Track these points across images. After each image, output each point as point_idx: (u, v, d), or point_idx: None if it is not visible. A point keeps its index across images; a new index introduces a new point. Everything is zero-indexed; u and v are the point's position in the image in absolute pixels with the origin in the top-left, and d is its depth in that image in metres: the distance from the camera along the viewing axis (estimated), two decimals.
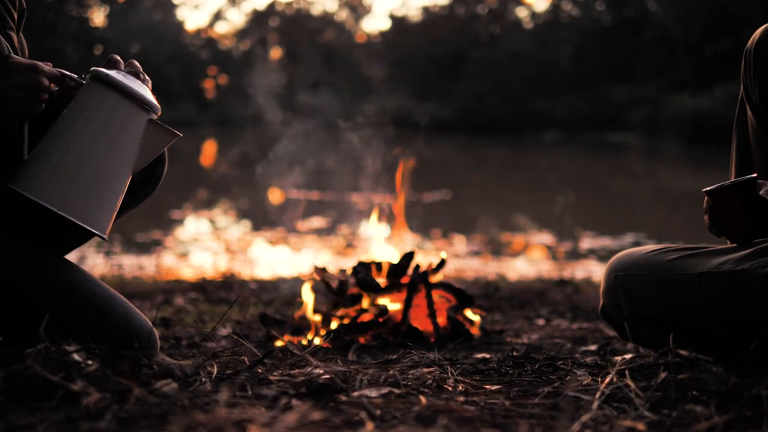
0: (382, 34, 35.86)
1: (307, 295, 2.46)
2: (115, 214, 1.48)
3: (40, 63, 1.40)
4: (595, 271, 4.96)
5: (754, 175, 1.45)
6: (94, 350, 1.24)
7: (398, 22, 36.70)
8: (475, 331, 2.41)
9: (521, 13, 36.33)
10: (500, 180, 13.75)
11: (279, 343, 2.12)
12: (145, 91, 1.47)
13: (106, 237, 1.47)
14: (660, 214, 8.59)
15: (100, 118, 1.43)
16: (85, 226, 1.42)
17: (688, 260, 1.51)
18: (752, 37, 1.59)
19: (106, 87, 1.44)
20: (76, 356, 1.19)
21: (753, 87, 1.57)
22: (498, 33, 34.09)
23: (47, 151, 1.43)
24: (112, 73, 1.45)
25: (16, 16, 1.57)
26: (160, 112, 1.49)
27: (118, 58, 1.50)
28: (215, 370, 1.31)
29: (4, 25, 1.51)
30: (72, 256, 1.71)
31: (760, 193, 1.42)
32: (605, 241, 6.61)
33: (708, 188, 1.46)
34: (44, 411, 1.06)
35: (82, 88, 1.45)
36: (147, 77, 1.51)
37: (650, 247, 1.63)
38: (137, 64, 1.51)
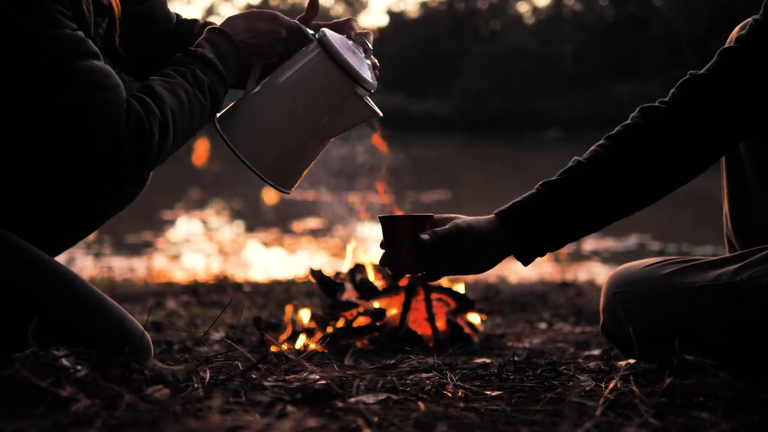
0: (380, 30, 35.85)
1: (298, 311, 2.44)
2: (302, 176, 1.52)
3: (281, 14, 1.49)
4: (599, 273, 4.95)
5: (431, 214, 1.48)
6: (83, 355, 1.22)
7: (396, 18, 36.68)
8: (476, 335, 2.38)
9: (522, 8, 36.40)
10: (501, 179, 13.75)
11: (274, 348, 2.10)
12: (362, 66, 1.47)
13: (289, 192, 1.51)
14: (665, 215, 8.51)
15: (308, 82, 1.46)
16: (271, 183, 1.47)
17: (686, 273, 1.50)
18: (730, 36, 1.58)
19: (323, 52, 1.45)
20: (65, 361, 1.17)
21: None
22: (498, 29, 34.07)
23: (252, 101, 1.47)
24: (336, 40, 1.46)
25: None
26: (373, 89, 1.50)
27: (354, 24, 1.54)
28: (208, 376, 1.29)
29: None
30: (60, 258, 1.69)
31: (424, 234, 1.44)
32: (608, 243, 6.59)
33: (382, 215, 1.49)
34: (33, 417, 1.04)
35: (304, 48, 1.49)
36: (371, 49, 1.52)
37: (648, 260, 1.62)
38: (370, 38, 1.53)
